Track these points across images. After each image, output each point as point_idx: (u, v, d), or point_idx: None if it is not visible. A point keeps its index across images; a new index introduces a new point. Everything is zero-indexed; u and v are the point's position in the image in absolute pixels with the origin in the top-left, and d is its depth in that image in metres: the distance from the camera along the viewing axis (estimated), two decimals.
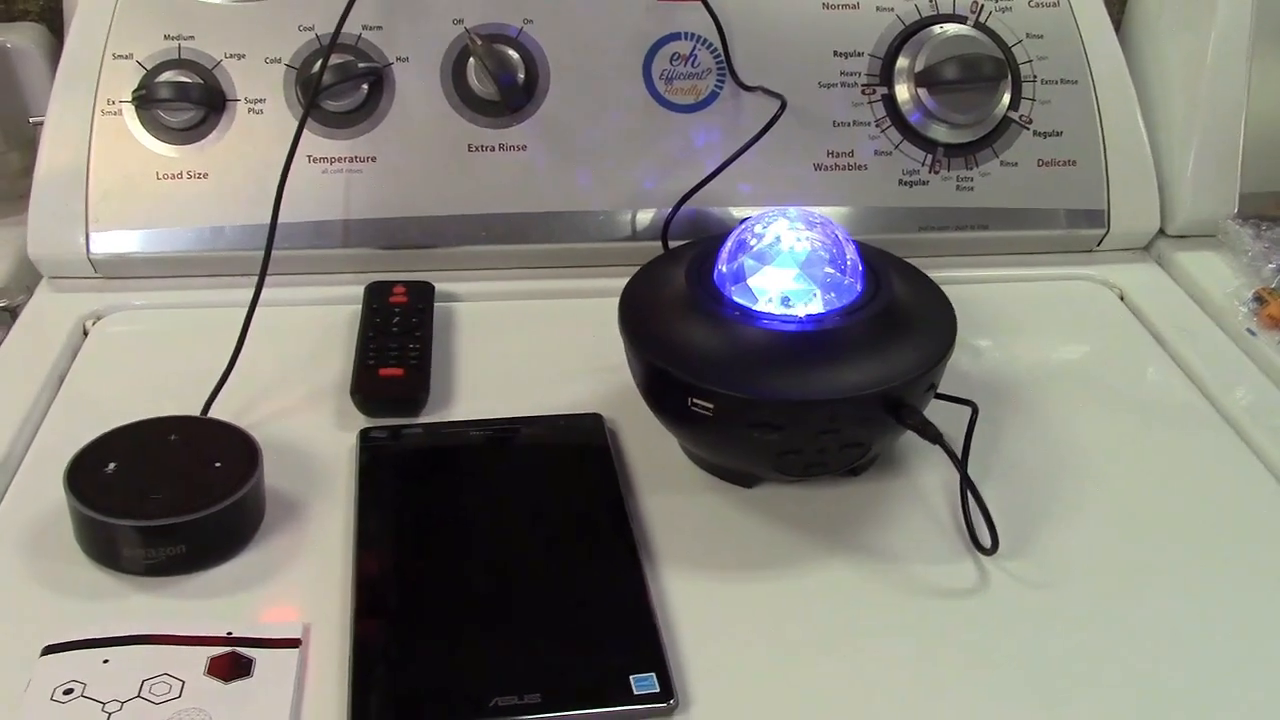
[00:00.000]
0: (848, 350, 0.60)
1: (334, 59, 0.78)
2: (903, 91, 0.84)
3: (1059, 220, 0.85)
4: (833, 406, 0.58)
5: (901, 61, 0.84)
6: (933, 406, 0.62)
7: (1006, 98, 0.84)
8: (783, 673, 0.54)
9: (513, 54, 0.81)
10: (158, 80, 0.79)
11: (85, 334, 0.75)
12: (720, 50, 0.82)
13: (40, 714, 0.49)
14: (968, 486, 0.61)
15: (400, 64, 0.81)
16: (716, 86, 0.83)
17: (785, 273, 0.61)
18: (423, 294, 0.77)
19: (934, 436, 0.59)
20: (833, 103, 0.83)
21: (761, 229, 0.62)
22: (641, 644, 0.53)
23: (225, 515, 0.57)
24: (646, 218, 0.82)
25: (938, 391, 0.63)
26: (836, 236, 0.62)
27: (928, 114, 0.83)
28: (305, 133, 0.76)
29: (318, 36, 0.80)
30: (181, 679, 0.51)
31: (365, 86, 0.80)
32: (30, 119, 0.88)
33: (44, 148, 0.79)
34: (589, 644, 0.54)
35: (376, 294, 0.77)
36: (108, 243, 0.78)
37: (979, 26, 0.85)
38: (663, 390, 0.62)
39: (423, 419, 0.68)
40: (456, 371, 0.73)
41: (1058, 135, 0.85)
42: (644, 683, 0.51)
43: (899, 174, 0.83)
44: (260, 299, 0.70)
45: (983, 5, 0.85)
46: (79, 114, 0.79)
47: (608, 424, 0.68)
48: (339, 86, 0.79)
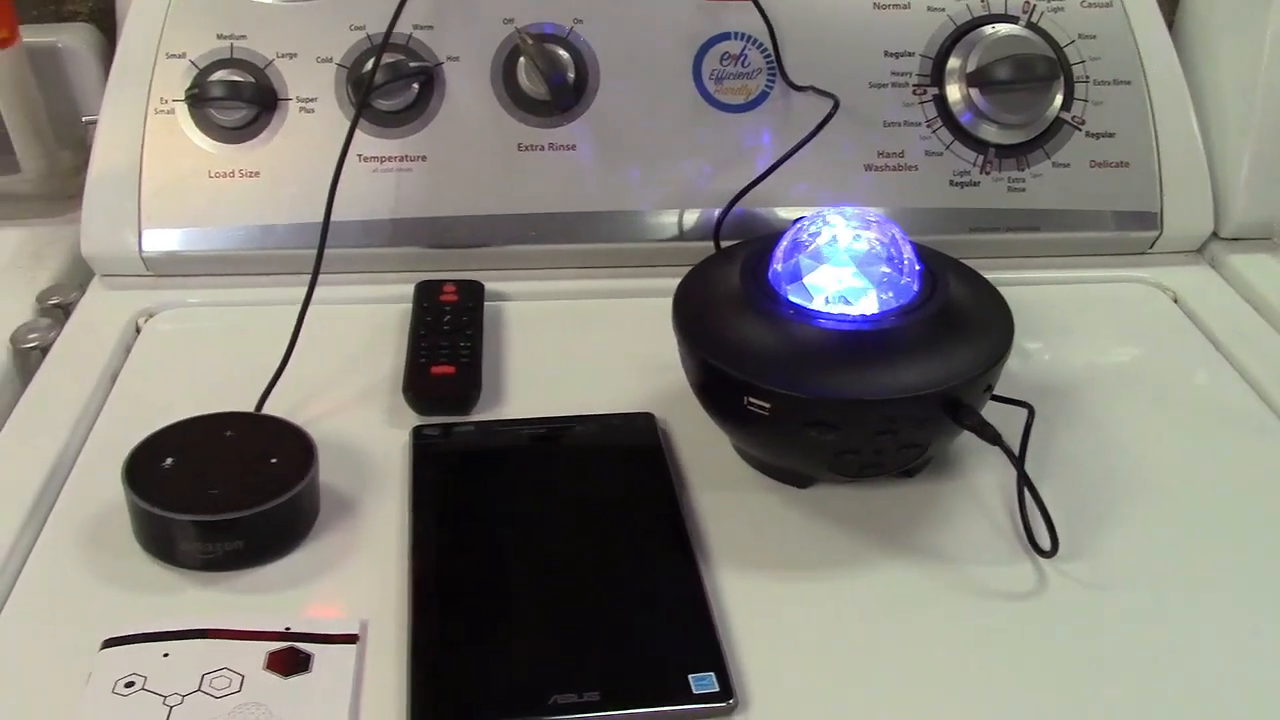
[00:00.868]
0: (905, 350, 0.59)
1: (385, 58, 0.78)
2: (954, 92, 0.83)
3: (1111, 222, 0.84)
4: (890, 406, 0.58)
5: (953, 62, 0.83)
6: (987, 408, 0.62)
7: (1059, 98, 0.84)
8: (840, 673, 0.53)
9: (563, 53, 0.81)
10: (210, 79, 0.79)
11: (138, 331, 0.76)
12: (770, 50, 0.82)
13: (102, 706, 0.49)
14: (1028, 487, 0.60)
15: (451, 63, 0.81)
16: (767, 86, 0.82)
17: (842, 271, 0.60)
18: (473, 293, 0.77)
19: (992, 437, 0.59)
20: (883, 103, 0.83)
21: (817, 227, 0.62)
22: (699, 643, 0.53)
23: (282, 511, 0.57)
24: (695, 218, 0.81)
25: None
26: (894, 236, 0.62)
27: (979, 114, 0.83)
28: (356, 132, 0.76)
29: (369, 36, 0.80)
30: (241, 673, 0.51)
31: (416, 86, 0.80)
32: (83, 118, 0.89)
33: (97, 146, 0.79)
34: (646, 643, 0.53)
35: (427, 293, 0.77)
36: (160, 241, 0.78)
37: (1031, 26, 0.84)
38: (718, 389, 0.61)
39: (474, 417, 0.68)
40: (506, 370, 0.73)
41: (1110, 136, 0.84)
42: (703, 682, 0.51)
43: (950, 175, 0.83)
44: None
45: (1035, 5, 0.84)
46: (132, 113, 0.79)
47: (659, 423, 0.67)
48: (390, 86, 0.79)
